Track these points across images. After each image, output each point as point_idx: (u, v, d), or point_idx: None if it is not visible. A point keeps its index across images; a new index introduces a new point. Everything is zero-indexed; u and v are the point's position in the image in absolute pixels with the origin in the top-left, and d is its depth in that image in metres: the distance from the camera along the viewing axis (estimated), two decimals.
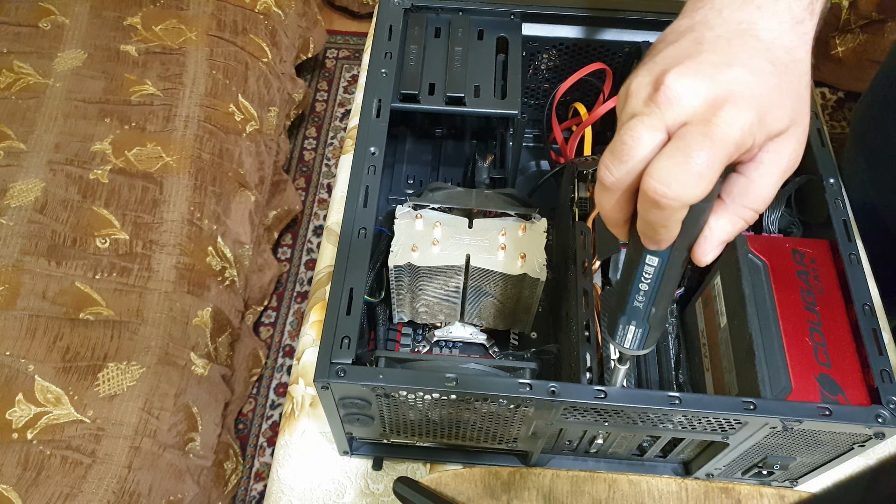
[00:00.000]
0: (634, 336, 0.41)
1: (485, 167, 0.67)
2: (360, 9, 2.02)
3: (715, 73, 0.32)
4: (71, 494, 0.92)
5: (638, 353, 0.43)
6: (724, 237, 0.35)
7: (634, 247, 0.37)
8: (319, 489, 0.60)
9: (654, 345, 0.43)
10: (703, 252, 0.35)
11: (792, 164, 0.35)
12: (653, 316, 0.40)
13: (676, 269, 0.37)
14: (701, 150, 0.30)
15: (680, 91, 0.31)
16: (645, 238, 0.35)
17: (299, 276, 1.64)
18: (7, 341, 1.01)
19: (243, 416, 1.44)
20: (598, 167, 0.34)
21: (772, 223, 0.56)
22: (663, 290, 0.38)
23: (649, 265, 0.37)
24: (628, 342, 0.42)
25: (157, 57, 1.35)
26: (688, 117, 0.31)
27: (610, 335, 0.43)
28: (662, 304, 0.39)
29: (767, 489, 0.56)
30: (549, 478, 0.56)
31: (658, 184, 0.31)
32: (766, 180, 0.34)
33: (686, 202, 0.31)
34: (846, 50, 1.72)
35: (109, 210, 1.16)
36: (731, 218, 0.35)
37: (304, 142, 1.84)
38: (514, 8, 0.65)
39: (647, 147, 0.32)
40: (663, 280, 0.37)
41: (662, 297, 0.39)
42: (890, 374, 0.46)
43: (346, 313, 0.48)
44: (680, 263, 0.37)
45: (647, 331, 0.41)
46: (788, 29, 0.34)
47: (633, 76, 0.34)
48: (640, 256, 0.37)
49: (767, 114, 0.32)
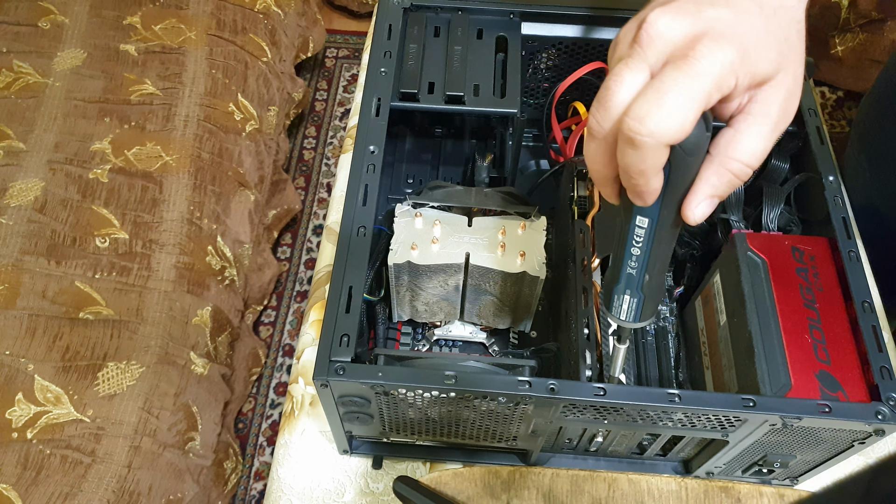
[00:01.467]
0: (630, 306, 0.41)
1: (484, 166, 0.67)
2: (360, 8, 2.02)
3: (697, 10, 0.31)
4: (71, 494, 0.91)
5: (634, 325, 0.42)
6: (710, 191, 0.34)
7: (624, 208, 0.36)
8: (319, 488, 0.60)
9: (651, 318, 0.42)
10: (690, 207, 0.34)
11: (783, 114, 0.34)
12: (647, 284, 0.39)
13: (667, 230, 0.36)
14: (675, 83, 0.30)
15: (661, 27, 0.31)
16: (629, 191, 0.34)
17: (299, 276, 1.64)
18: (7, 341, 1.01)
19: (243, 415, 1.44)
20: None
21: (771, 221, 0.56)
22: (655, 255, 0.37)
23: (639, 227, 0.36)
24: (624, 313, 0.41)
25: (156, 56, 1.35)
26: (668, 55, 0.31)
27: (606, 307, 0.42)
28: (656, 270, 0.39)
29: (767, 488, 0.56)
30: (548, 477, 0.56)
31: (631, 120, 0.30)
32: (755, 130, 0.33)
33: (661, 140, 0.30)
34: (846, 49, 1.72)
35: (109, 209, 1.16)
36: (719, 170, 0.34)
37: (304, 141, 1.84)
38: (514, 7, 0.65)
39: (629, 89, 0.31)
40: (655, 243, 0.37)
41: (655, 263, 0.38)
42: (890, 371, 0.46)
43: (345, 311, 0.48)
44: (670, 224, 0.36)
45: (641, 300, 0.40)
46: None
47: (623, 27, 0.34)
48: (630, 217, 0.36)
49: (751, 54, 0.31)
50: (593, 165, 0.35)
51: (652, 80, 0.31)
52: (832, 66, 1.78)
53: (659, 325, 0.63)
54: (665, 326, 0.63)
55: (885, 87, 0.76)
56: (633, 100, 0.31)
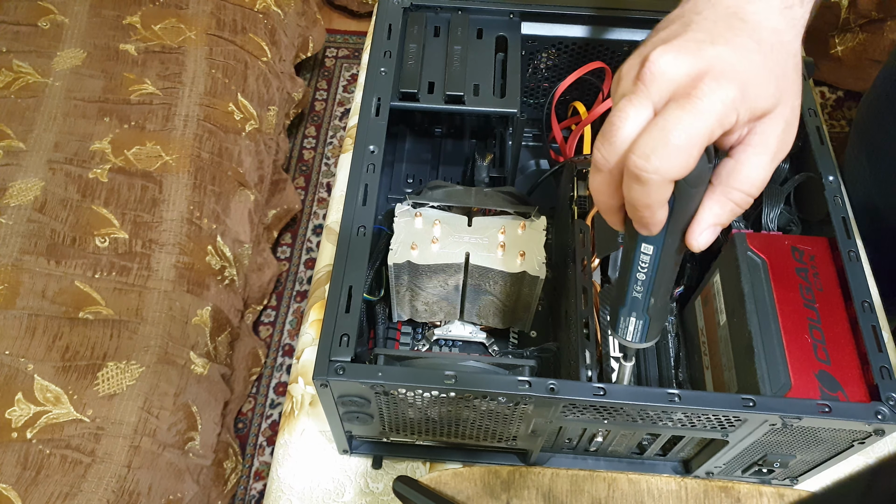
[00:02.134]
0: (636, 328, 0.41)
1: (484, 166, 0.67)
2: (360, 8, 2.02)
3: (698, 49, 0.32)
4: (70, 493, 0.91)
5: (640, 346, 0.43)
6: (713, 220, 0.35)
7: (629, 235, 0.37)
8: (319, 488, 0.59)
9: (657, 338, 0.43)
10: (694, 236, 0.35)
11: (781, 145, 0.35)
12: (652, 307, 0.40)
13: (672, 257, 0.37)
14: (679, 122, 0.31)
15: (663, 66, 0.32)
16: (635, 222, 0.35)
17: (299, 276, 1.64)
18: (6, 340, 1.01)
19: (243, 415, 1.44)
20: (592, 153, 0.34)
21: (771, 221, 0.56)
22: (660, 280, 0.38)
23: (644, 253, 0.37)
24: (630, 335, 0.42)
25: (156, 56, 1.35)
26: (671, 92, 0.32)
27: (612, 329, 0.43)
28: (661, 294, 0.39)
29: (767, 488, 0.56)
30: (548, 476, 0.56)
31: (637, 157, 0.31)
32: (755, 161, 0.34)
33: (666, 176, 0.31)
34: (846, 49, 1.72)
35: (109, 209, 1.16)
36: (720, 200, 0.35)
37: (304, 141, 1.84)
38: (514, 7, 0.65)
39: (634, 125, 0.32)
40: (659, 269, 0.38)
41: (660, 287, 0.39)
42: (889, 371, 0.46)
43: (345, 311, 0.48)
44: (675, 251, 0.37)
45: (647, 322, 0.41)
46: (777, 13, 0.35)
47: (625, 62, 0.35)
48: (635, 244, 0.37)
49: (750, 90, 0.32)
50: (599, 197, 0.36)
51: (656, 119, 0.32)
52: (832, 65, 1.78)
53: None
54: (665, 326, 0.63)
55: (886, 84, 0.76)
56: (638, 136, 0.32)
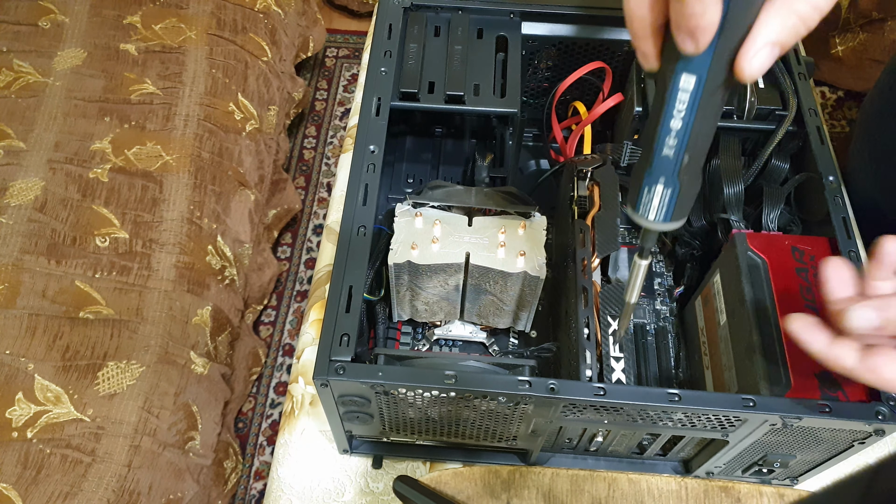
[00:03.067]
0: (662, 200, 0.35)
1: (484, 166, 0.67)
2: (360, 7, 2.02)
3: None
4: (71, 493, 0.92)
5: (664, 226, 0.36)
6: (772, 37, 0.29)
7: (666, 63, 0.31)
8: (319, 488, 0.60)
9: (683, 220, 0.36)
10: (747, 56, 0.29)
11: None
12: (685, 168, 0.33)
13: (716, 94, 0.31)
14: None
15: None
16: (681, 30, 0.29)
17: (299, 275, 1.64)
18: (7, 340, 1.01)
19: (243, 414, 1.44)
20: None
21: (771, 221, 0.56)
22: (698, 129, 0.32)
23: (683, 90, 0.31)
24: (653, 210, 0.35)
25: (156, 56, 1.35)
26: None
27: (631, 206, 0.36)
28: (697, 151, 0.33)
29: (767, 488, 0.56)
30: (548, 476, 0.56)
31: None
32: None
33: None
34: (846, 49, 1.72)
35: (109, 209, 1.16)
36: (782, 11, 0.29)
37: (304, 140, 1.84)
38: (514, 7, 0.65)
39: None
40: (699, 111, 0.32)
41: (697, 141, 0.33)
42: None
43: (345, 311, 0.48)
44: (720, 84, 0.31)
45: (677, 191, 0.34)
46: None
47: None
48: (672, 80, 0.31)
49: None
50: (637, 11, 0.31)
51: None
52: (832, 65, 1.78)
53: (659, 324, 0.64)
54: (665, 326, 0.63)
55: (889, 82, 0.76)
56: None
